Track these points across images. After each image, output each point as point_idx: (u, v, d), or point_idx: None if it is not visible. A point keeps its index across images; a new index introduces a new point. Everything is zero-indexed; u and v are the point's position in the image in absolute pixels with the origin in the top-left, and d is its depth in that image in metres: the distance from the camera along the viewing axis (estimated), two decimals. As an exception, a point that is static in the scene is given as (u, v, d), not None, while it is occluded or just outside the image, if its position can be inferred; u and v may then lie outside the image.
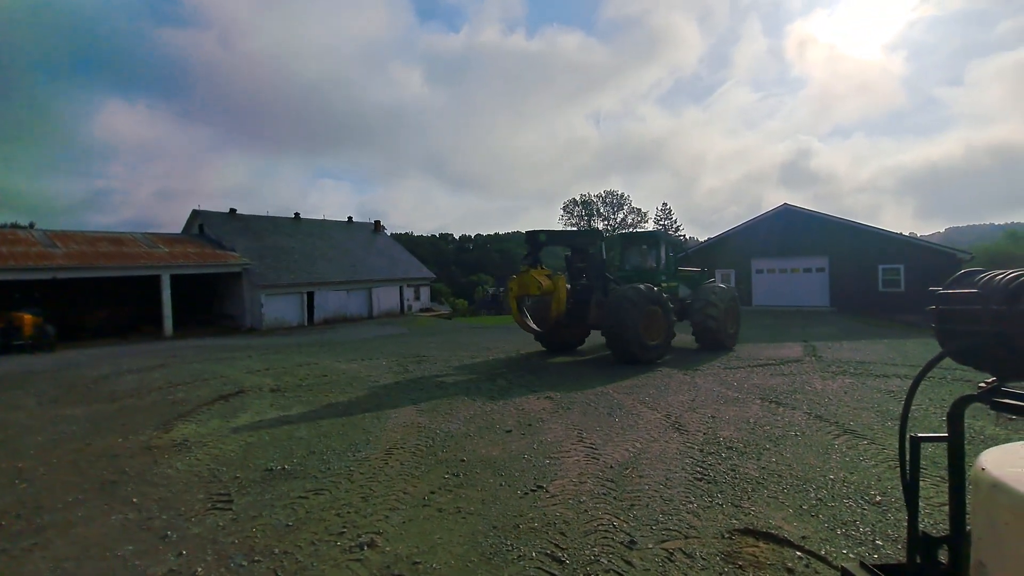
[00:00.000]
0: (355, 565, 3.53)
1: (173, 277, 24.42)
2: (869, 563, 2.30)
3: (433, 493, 4.70)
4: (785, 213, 27.32)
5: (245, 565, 3.55)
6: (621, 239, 15.89)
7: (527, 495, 4.61)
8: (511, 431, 6.58)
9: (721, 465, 5.19)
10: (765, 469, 5.07)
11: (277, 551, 3.72)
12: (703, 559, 3.50)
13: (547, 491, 4.67)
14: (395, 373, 11.07)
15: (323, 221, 38.23)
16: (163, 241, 27.69)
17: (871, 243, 24.58)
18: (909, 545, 2.08)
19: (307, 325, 28.50)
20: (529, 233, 12.04)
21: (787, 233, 26.69)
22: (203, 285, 29.02)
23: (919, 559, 2.04)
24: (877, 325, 19.64)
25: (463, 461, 5.51)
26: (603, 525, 3.98)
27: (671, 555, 3.55)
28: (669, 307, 12.10)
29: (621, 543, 3.71)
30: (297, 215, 36.83)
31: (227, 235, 29.92)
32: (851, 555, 3.49)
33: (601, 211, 70.28)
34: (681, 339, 13.30)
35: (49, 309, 21.30)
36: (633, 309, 11.13)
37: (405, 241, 60.07)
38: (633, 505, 4.32)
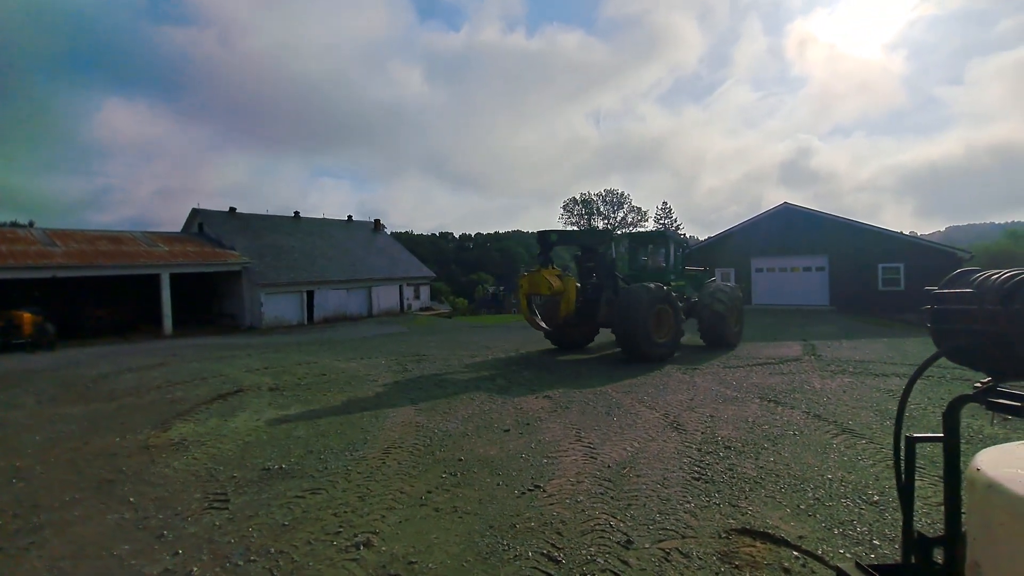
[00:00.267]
0: (351, 564, 3.52)
1: (173, 276, 24.43)
2: (864, 563, 2.29)
3: (430, 492, 4.70)
4: (785, 212, 27.31)
5: (241, 564, 3.55)
6: (630, 239, 15.99)
7: (524, 494, 4.60)
8: (509, 430, 6.58)
9: (719, 464, 5.19)
10: (763, 468, 5.06)
11: (273, 550, 3.72)
12: (699, 559, 3.50)
13: (544, 491, 4.66)
14: (394, 372, 11.07)
15: (323, 220, 38.23)
16: (162, 240, 27.69)
17: (871, 242, 24.56)
18: (904, 546, 2.08)
19: (307, 324, 28.51)
20: (540, 233, 12.19)
21: (787, 232, 26.69)
22: (203, 284, 29.04)
23: (914, 560, 2.03)
24: (877, 324, 19.64)
25: (461, 460, 5.51)
26: (600, 525, 3.98)
27: (668, 555, 3.55)
28: (678, 306, 12.28)
29: (618, 543, 3.71)
30: (297, 214, 36.83)
31: (227, 234, 29.92)
32: (848, 555, 3.49)
33: (601, 210, 70.26)
34: (686, 337, 13.35)
35: (49, 308, 21.32)
36: (644, 307, 11.24)
37: (405, 240, 60.06)
38: (630, 505, 4.32)
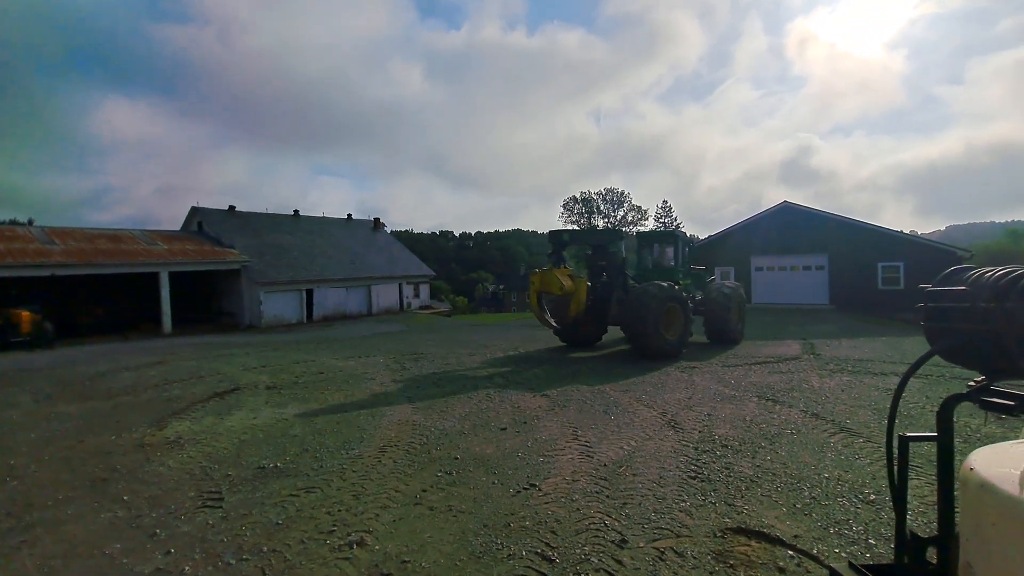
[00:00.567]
0: (344, 564, 3.50)
1: (172, 274, 24.38)
2: (857, 564, 2.27)
3: (425, 491, 4.68)
4: (785, 211, 27.27)
5: (233, 563, 3.53)
6: (640, 238, 16.16)
7: (519, 493, 4.58)
8: (506, 429, 6.56)
9: (715, 463, 5.17)
10: (760, 467, 5.04)
11: (266, 549, 3.70)
12: (694, 558, 3.48)
13: (540, 489, 4.64)
14: (392, 371, 11.05)
15: (322, 218, 38.16)
16: (161, 238, 27.65)
17: (871, 241, 24.51)
18: (897, 546, 2.05)
19: (306, 322, 28.47)
20: (552, 232, 12.35)
21: (787, 231, 26.65)
22: (202, 282, 29.00)
23: (907, 560, 2.01)
24: (876, 323, 19.60)
25: (456, 459, 5.49)
26: (595, 524, 3.96)
27: (662, 554, 3.53)
28: (688, 304, 12.45)
29: (612, 542, 3.69)
30: (296, 212, 36.78)
31: (226, 232, 29.86)
32: (843, 554, 3.47)
33: (601, 209, 70.19)
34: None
35: (47, 306, 21.30)
36: (655, 306, 11.39)
37: (405, 238, 60.06)
38: (626, 504, 4.30)
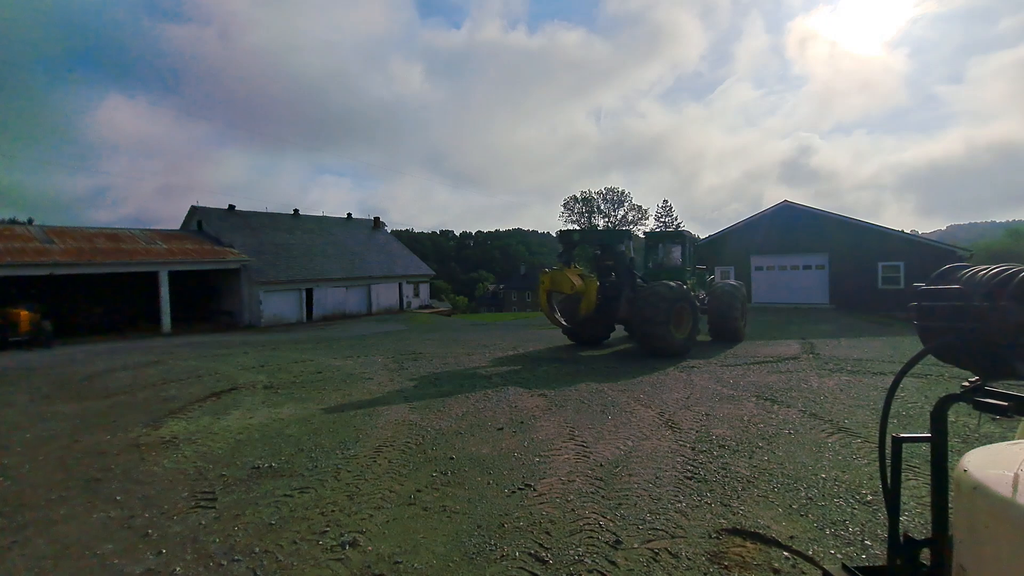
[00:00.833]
0: (336, 565, 3.48)
1: (171, 273, 24.38)
2: (851, 566, 2.24)
3: (420, 492, 4.65)
4: (785, 210, 27.20)
5: (224, 564, 3.51)
6: (648, 238, 16.30)
7: (514, 493, 4.56)
8: (503, 429, 6.53)
9: (712, 463, 5.14)
10: (756, 468, 5.01)
11: (258, 550, 3.68)
12: (688, 559, 3.45)
13: (535, 490, 4.61)
14: (390, 370, 11.02)
15: (322, 218, 38.13)
16: (161, 237, 27.63)
17: (871, 240, 24.45)
18: (890, 548, 2.03)
19: (306, 322, 28.47)
20: (563, 232, 12.69)
21: (787, 230, 26.57)
22: (201, 282, 28.99)
23: (900, 563, 1.98)
24: (876, 322, 19.56)
25: (452, 459, 5.46)
26: (589, 524, 3.93)
27: (656, 555, 3.50)
28: (696, 303, 12.60)
29: (606, 543, 3.66)
30: (296, 211, 36.74)
31: (225, 231, 29.86)
32: (839, 555, 3.44)
33: (602, 208, 70.11)
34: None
35: (47, 305, 21.30)
36: (664, 305, 11.54)
37: (405, 238, 60.03)
38: (621, 504, 4.27)
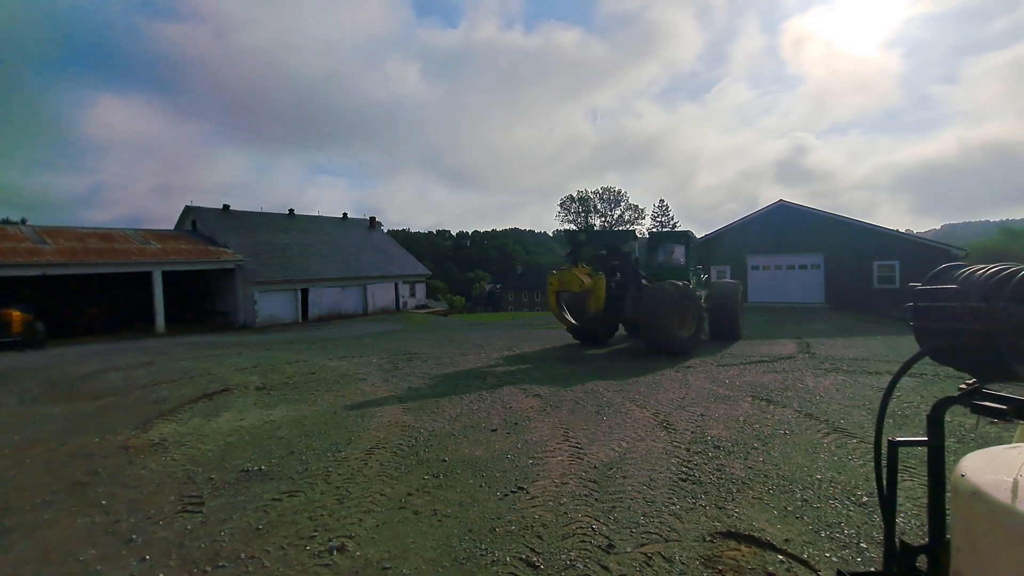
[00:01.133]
0: (323, 571, 3.41)
1: (165, 274, 24.21)
2: (846, 571, 2.19)
3: (411, 495, 4.59)
4: (781, 210, 27.24)
5: (209, 571, 3.43)
6: (651, 238, 16.41)
7: (506, 496, 4.50)
8: (496, 430, 6.47)
9: (707, 465, 5.09)
10: (751, 469, 4.97)
11: (244, 556, 3.61)
12: (682, 563, 3.40)
13: (527, 492, 4.56)
14: (384, 371, 10.94)
15: (317, 217, 37.99)
16: (155, 237, 27.45)
17: (866, 240, 24.50)
18: (886, 554, 1.97)
19: (301, 322, 28.32)
20: (570, 232, 13.15)
21: (783, 229, 26.62)
22: (196, 282, 28.82)
23: (896, 569, 1.93)
24: (872, 322, 19.58)
25: (444, 461, 5.40)
26: (582, 528, 3.88)
27: (649, 559, 3.45)
28: (700, 303, 12.72)
29: (599, 547, 3.60)
30: (291, 211, 36.58)
31: (220, 231, 29.68)
32: (834, 559, 3.39)
33: (598, 207, 70.23)
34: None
35: (40, 306, 21.12)
36: (670, 304, 11.68)
37: (402, 238, 59.90)
38: (614, 507, 4.21)
